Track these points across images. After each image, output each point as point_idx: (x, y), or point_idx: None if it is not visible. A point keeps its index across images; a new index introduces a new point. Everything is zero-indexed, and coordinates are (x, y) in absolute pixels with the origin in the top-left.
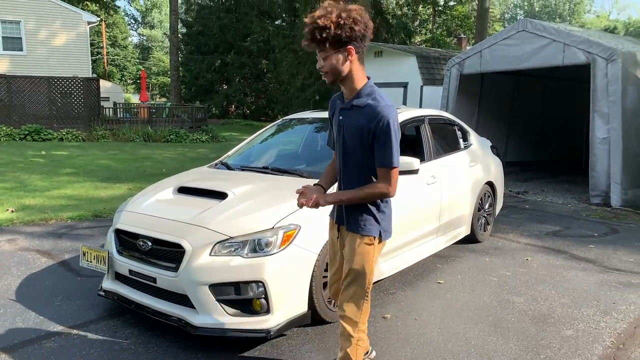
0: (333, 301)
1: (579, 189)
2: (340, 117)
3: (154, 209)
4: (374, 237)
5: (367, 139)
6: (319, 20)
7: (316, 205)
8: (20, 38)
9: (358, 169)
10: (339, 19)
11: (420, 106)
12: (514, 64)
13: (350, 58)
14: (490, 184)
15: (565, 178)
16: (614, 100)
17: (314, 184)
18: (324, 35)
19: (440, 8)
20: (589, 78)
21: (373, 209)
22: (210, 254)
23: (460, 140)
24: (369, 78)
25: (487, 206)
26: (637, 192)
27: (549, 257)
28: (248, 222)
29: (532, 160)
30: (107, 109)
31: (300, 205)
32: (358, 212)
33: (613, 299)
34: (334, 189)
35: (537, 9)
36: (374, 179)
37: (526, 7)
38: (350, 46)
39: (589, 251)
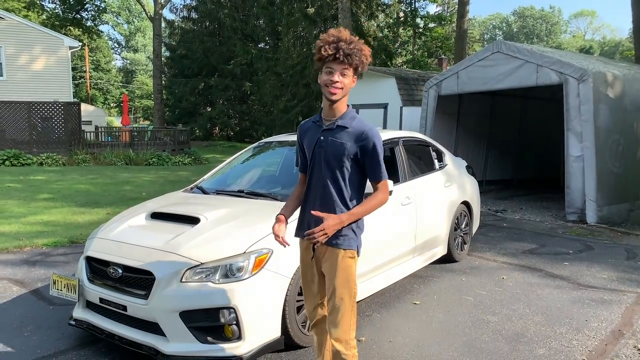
0: (308, 325)
1: (557, 207)
2: (322, 137)
3: (125, 235)
4: (355, 251)
5: (354, 156)
6: (342, 41)
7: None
8: (0, 63)
9: (338, 186)
10: (359, 47)
11: (400, 127)
12: (490, 85)
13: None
14: (466, 203)
15: (543, 195)
16: (586, 119)
17: (278, 214)
18: (356, 56)
19: (420, 30)
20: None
21: (353, 223)
22: (181, 281)
23: (435, 161)
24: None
25: (463, 225)
26: (612, 209)
27: (525, 275)
28: (219, 248)
29: (511, 178)
30: (88, 133)
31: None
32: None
33: (585, 317)
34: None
35: (515, 29)
36: (354, 193)
37: (504, 29)
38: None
39: (564, 268)
